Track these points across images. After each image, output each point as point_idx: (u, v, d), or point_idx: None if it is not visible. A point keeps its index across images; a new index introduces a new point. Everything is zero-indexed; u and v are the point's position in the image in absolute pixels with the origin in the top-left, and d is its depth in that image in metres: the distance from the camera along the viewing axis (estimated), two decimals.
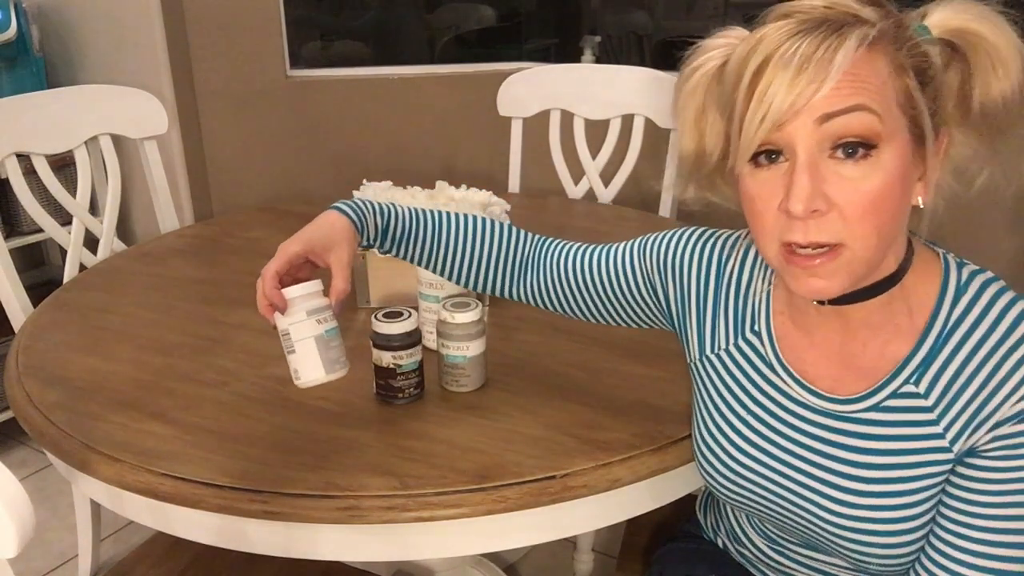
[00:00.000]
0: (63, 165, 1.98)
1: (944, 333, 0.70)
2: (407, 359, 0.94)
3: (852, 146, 0.63)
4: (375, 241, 0.90)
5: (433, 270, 0.94)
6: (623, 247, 0.91)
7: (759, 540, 0.90)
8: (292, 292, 0.82)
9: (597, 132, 1.79)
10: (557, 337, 1.12)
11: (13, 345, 1.13)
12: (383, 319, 0.93)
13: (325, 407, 0.95)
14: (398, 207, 0.91)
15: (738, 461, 0.80)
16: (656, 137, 1.75)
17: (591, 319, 0.94)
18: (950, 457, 0.69)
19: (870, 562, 0.74)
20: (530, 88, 1.83)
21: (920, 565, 0.71)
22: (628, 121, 1.77)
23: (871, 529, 0.73)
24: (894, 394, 0.72)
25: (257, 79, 2.26)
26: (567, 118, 1.82)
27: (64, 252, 1.50)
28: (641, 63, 2.28)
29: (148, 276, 1.37)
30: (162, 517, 0.88)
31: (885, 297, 0.71)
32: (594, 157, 1.81)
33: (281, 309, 0.81)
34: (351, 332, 1.14)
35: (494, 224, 0.94)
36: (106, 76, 2.23)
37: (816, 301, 0.73)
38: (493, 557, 1.50)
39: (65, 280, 1.43)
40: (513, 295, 0.96)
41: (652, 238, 0.89)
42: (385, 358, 0.93)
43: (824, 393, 0.76)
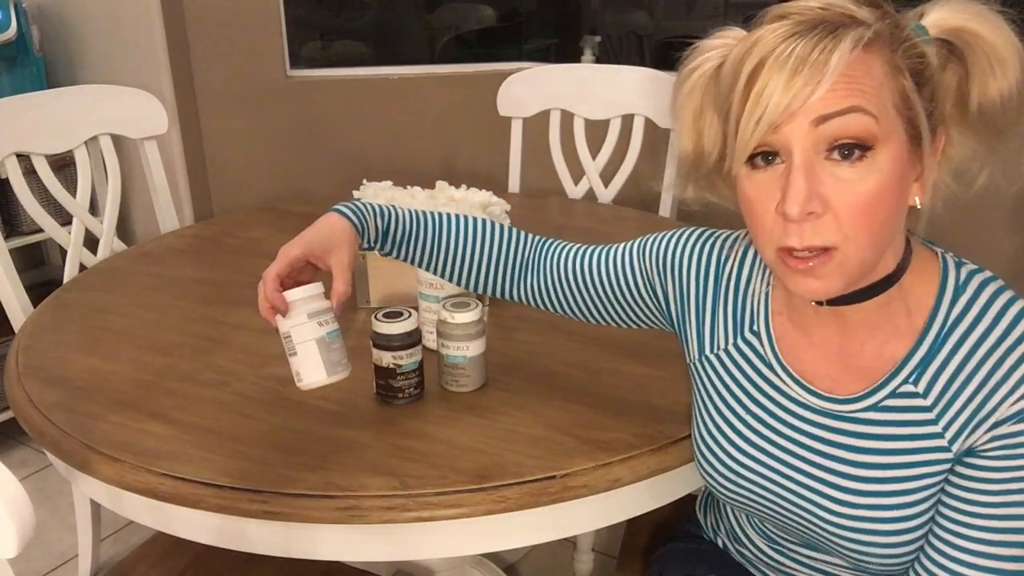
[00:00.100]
0: (63, 165, 1.98)
1: (943, 332, 0.70)
2: (407, 359, 0.94)
3: (848, 148, 0.63)
4: (376, 243, 0.90)
5: (433, 272, 0.94)
6: (622, 248, 0.91)
7: (759, 540, 0.90)
8: (293, 295, 0.82)
9: (597, 132, 1.79)
10: (557, 337, 1.12)
11: (13, 345, 1.13)
12: (383, 319, 0.93)
13: (325, 407, 0.95)
14: (399, 209, 0.91)
15: (738, 461, 0.80)
16: (656, 137, 1.75)
17: (591, 320, 0.94)
18: (949, 456, 0.70)
19: (870, 561, 0.74)
20: (530, 88, 1.83)
21: (919, 564, 0.71)
22: (628, 121, 1.77)
23: (870, 528, 0.73)
24: (893, 394, 0.72)
25: (257, 79, 2.26)
26: (567, 118, 1.82)
27: (64, 252, 1.50)
28: (641, 63, 2.28)
29: (148, 276, 1.37)
30: (162, 517, 0.88)
31: (883, 297, 0.71)
32: (594, 157, 1.81)
33: (282, 312, 0.81)
34: (351, 332, 1.14)
35: (494, 226, 0.94)
36: (106, 76, 2.23)
37: (814, 302, 0.73)
38: (493, 557, 1.49)
39: (65, 280, 1.43)
40: (513, 296, 0.96)
41: (651, 239, 0.89)
42: (385, 358, 0.93)
43: (823, 393, 0.76)
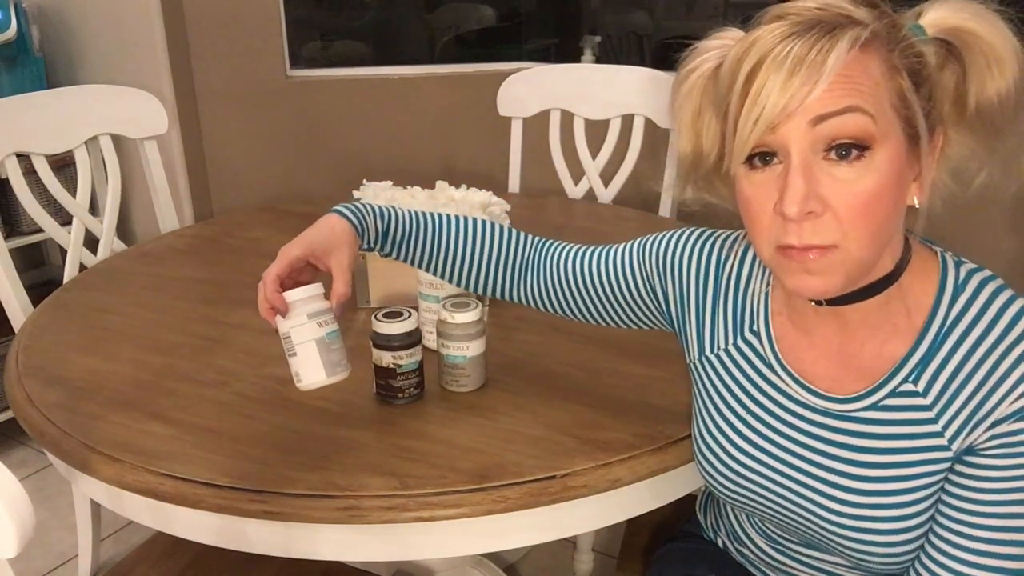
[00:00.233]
0: (63, 165, 1.98)
1: (942, 332, 0.70)
2: (407, 359, 0.94)
3: (845, 147, 0.63)
4: (375, 244, 0.90)
5: (433, 273, 0.94)
6: (622, 248, 0.91)
7: (759, 540, 0.90)
8: (293, 295, 0.82)
9: (597, 132, 1.79)
10: (557, 337, 1.12)
11: (13, 345, 1.13)
12: (383, 319, 0.93)
13: (325, 407, 0.95)
14: (398, 210, 0.91)
15: (738, 461, 0.80)
16: (656, 137, 1.75)
17: (591, 321, 0.94)
18: (949, 455, 0.70)
19: (870, 561, 0.74)
20: (530, 88, 1.83)
21: (920, 563, 0.72)
22: (628, 121, 1.77)
23: (871, 528, 0.73)
24: (893, 393, 0.72)
25: (257, 79, 2.26)
26: (567, 118, 1.82)
27: (64, 252, 1.50)
28: (641, 63, 2.28)
29: (148, 276, 1.37)
30: (162, 517, 0.88)
31: (883, 297, 0.71)
32: (594, 157, 1.81)
33: (282, 312, 0.81)
34: (351, 332, 1.14)
35: (494, 227, 0.94)
36: (106, 76, 2.23)
37: (813, 302, 0.73)
38: (493, 557, 1.49)
39: (65, 280, 1.43)
40: (513, 297, 0.96)
41: (651, 239, 0.89)
42: (385, 358, 0.94)
43: (823, 392, 0.76)
